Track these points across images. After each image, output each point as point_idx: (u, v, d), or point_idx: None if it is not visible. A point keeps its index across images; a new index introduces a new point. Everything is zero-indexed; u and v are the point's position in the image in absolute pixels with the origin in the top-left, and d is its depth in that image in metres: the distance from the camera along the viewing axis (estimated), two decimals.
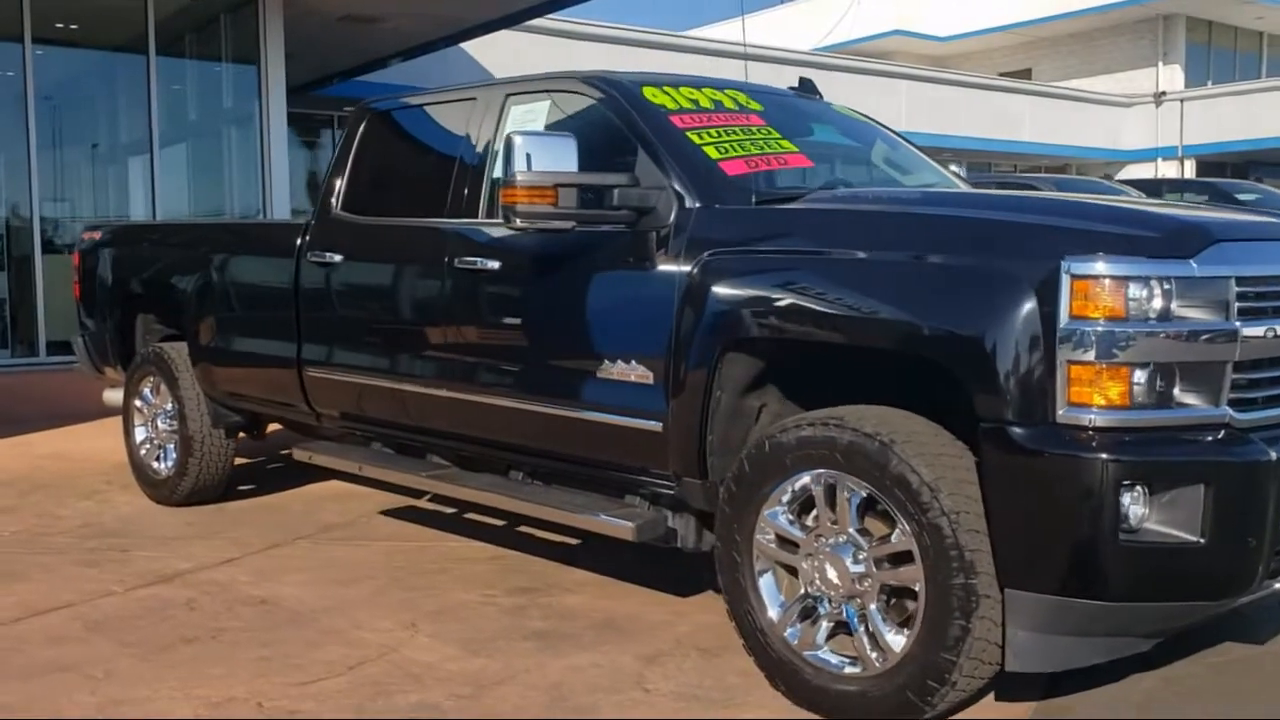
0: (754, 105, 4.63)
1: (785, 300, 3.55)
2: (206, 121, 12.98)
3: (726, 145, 4.18)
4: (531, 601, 4.74)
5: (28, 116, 10.97)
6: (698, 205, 3.92)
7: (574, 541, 5.64)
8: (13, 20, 10.95)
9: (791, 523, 3.58)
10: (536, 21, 16.76)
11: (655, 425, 3.91)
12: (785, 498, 3.57)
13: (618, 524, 4.06)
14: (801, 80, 5.28)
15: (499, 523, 6.03)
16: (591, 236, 4.13)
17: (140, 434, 6.76)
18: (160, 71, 11.72)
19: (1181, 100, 30.19)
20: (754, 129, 4.39)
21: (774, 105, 4.75)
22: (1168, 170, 29.73)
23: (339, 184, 5.44)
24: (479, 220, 4.68)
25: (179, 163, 12.58)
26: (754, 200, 3.90)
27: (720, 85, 4.69)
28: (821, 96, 5.23)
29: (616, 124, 4.30)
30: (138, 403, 6.73)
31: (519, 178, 3.88)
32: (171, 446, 6.55)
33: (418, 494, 6.68)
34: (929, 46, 33.22)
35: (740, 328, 3.66)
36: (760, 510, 3.60)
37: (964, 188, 5.01)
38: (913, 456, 3.22)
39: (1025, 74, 32.43)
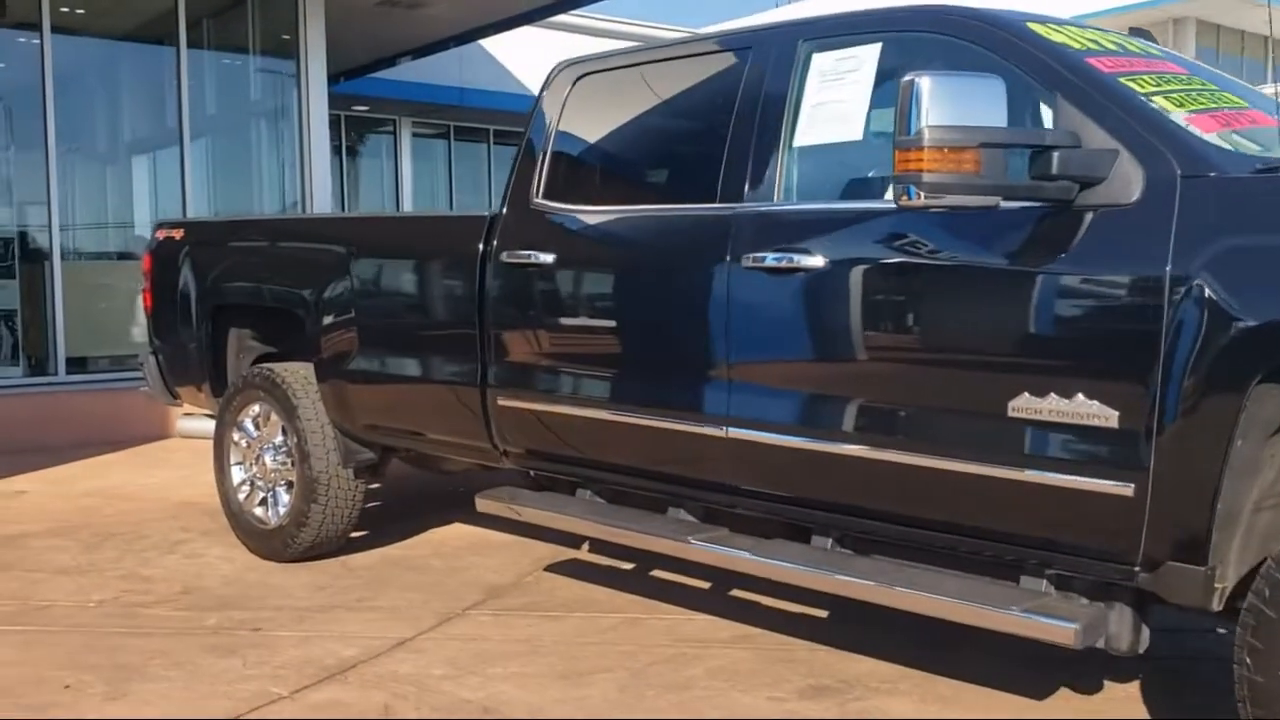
0: (1154, 51, 3.52)
1: None
2: (240, 115, 11.70)
3: (1175, 97, 3.06)
4: (843, 710, 3.59)
5: (45, 110, 9.69)
6: (1179, 175, 2.78)
7: (819, 613, 4.51)
8: (29, 6, 9.67)
9: None
10: (555, 18, 15.70)
11: (1120, 486, 2.78)
12: None
13: (1053, 625, 2.91)
14: (1131, 30, 4.17)
15: (701, 584, 4.90)
16: (980, 218, 3.00)
17: (238, 474, 5.55)
18: (191, 62, 10.48)
19: None
20: (1183, 79, 3.28)
21: (1172, 53, 3.64)
22: None
23: (539, 167, 4.27)
24: (782, 204, 3.53)
25: (212, 160, 11.28)
26: (1262, 168, 2.78)
27: (1100, 28, 3.57)
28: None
29: (1006, 71, 3.15)
30: (236, 435, 5.52)
31: (928, 134, 2.74)
32: (282, 489, 5.35)
33: (572, 541, 5.53)
34: None
35: None
36: None
37: None
38: None
39: None
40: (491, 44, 16.73)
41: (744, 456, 3.55)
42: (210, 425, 6.08)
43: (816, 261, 3.34)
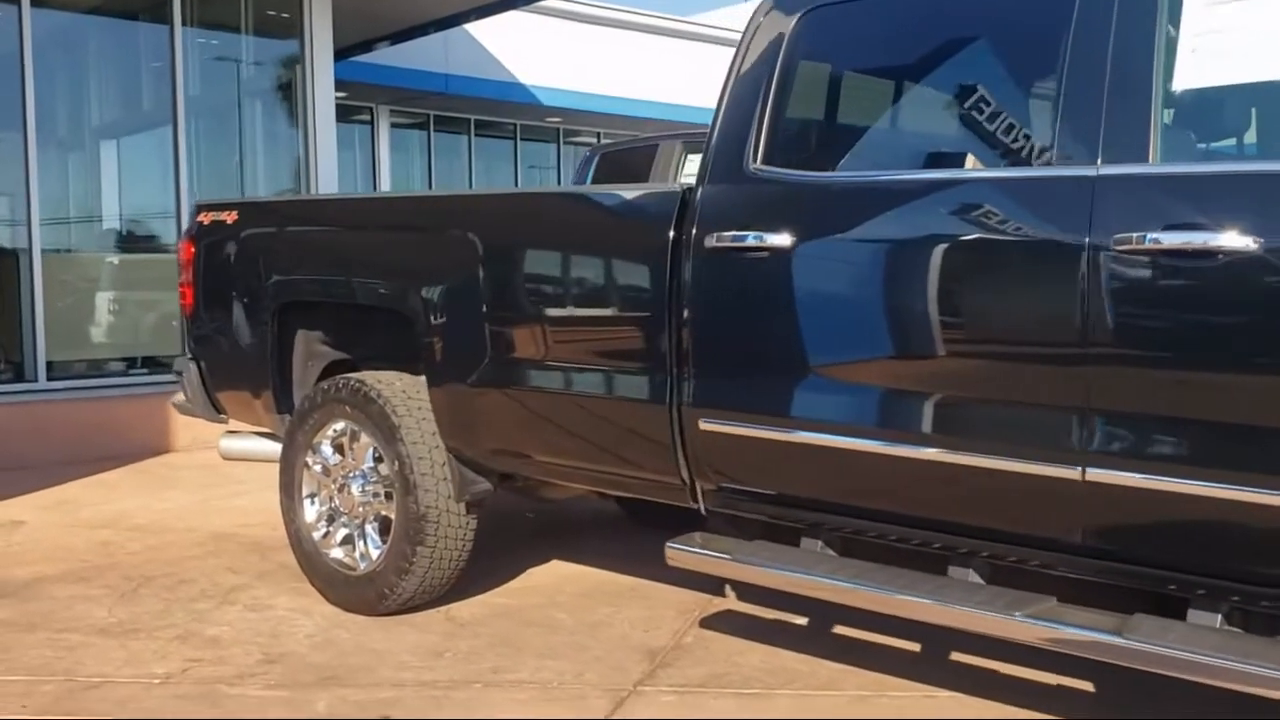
0: None
1: None
2: (238, 96, 10.57)
3: None
4: None
5: (24, 89, 8.56)
6: None
7: (1078, 685, 3.63)
8: None
9: None
10: (544, 4, 14.74)
11: None
12: None
13: None
14: None
15: (906, 645, 4.01)
16: None
17: (312, 509, 4.56)
18: (185, 38, 9.39)
19: None
20: None
21: None
22: None
23: (756, 124, 3.34)
24: (1174, 166, 2.64)
25: (207, 144, 10.14)
26: None
27: None
28: None
29: None
30: (310, 460, 4.53)
31: None
32: (372, 527, 4.38)
33: (711, 586, 4.63)
34: None
35: None
36: None
37: None
38: None
39: None
40: (477, 29, 15.78)
41: (1109, 505, 2.64)
42: (260, 445, 5.13)
43: (1243, 243, 2.44)
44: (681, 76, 18.92)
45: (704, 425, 3.34)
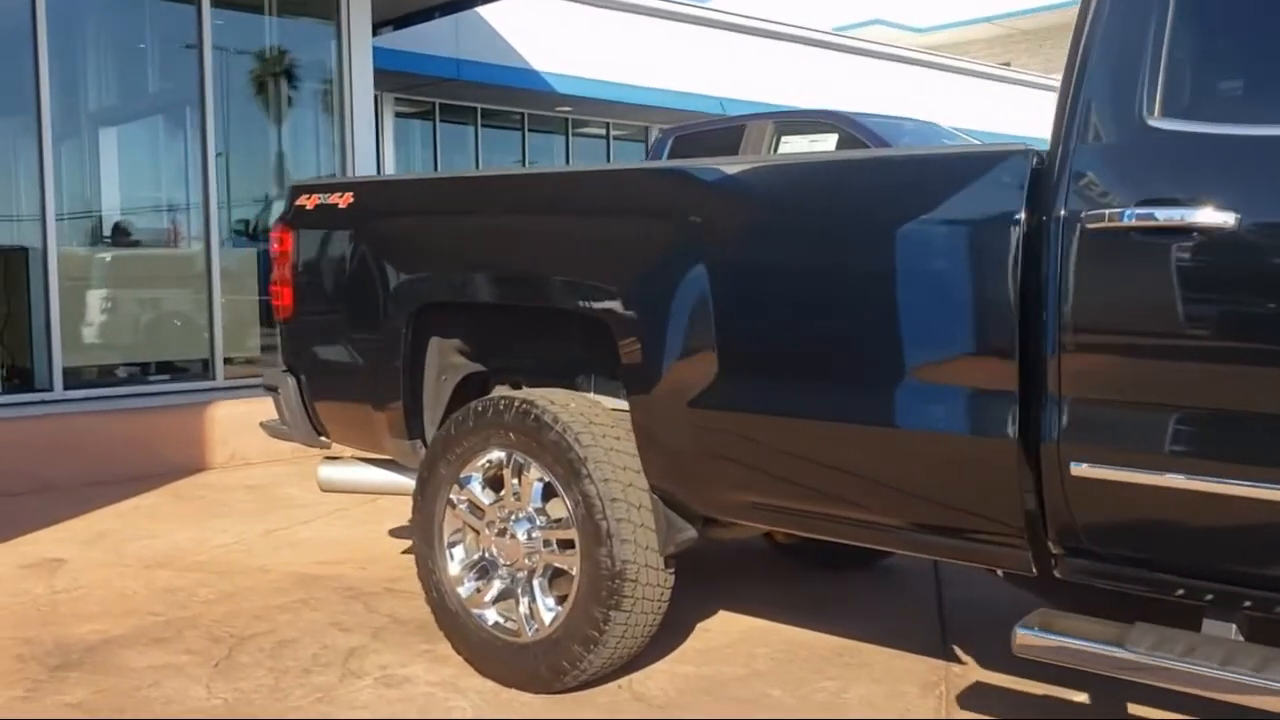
0: None
1: None
2: (268, 77, 9.61)
3: None
4: None
5: (38, 72, 7.59)
6: None
7: None
8: None
9: None
10: None
11: None
12: None
13: None
14: None
15: None
16: None
17: (458, 559, 3.68)
18: (214, 16, 8.45)
19: None
20: None
21: None
22: None
23: (1151, 63, 2.47)
24: None
25: (232, 129, 9.15)
26: None
27: None
28: None
29: None
30: (455, 497, 3.65)
31: None
32: (539, 584, 3.50)
33: (928, 646, 3.81)
34: (906, 37, 31.50)
35: None
36: None
37: None
38: None
39: (1003, 68, 31.06)
40: (488, 13, 14.96)
41: None
42: (368, 474, 4.32)
43: None
44: (697, 64, 18.21)
45: (1077, 470, 2.48)
